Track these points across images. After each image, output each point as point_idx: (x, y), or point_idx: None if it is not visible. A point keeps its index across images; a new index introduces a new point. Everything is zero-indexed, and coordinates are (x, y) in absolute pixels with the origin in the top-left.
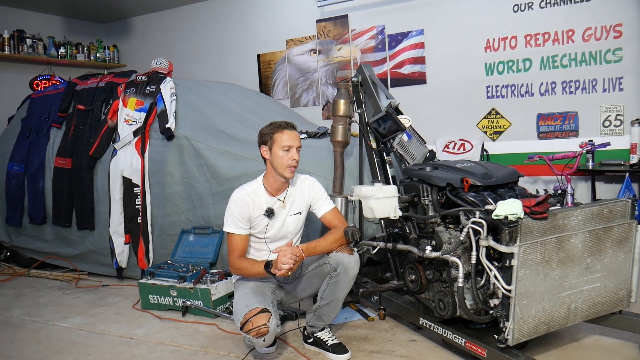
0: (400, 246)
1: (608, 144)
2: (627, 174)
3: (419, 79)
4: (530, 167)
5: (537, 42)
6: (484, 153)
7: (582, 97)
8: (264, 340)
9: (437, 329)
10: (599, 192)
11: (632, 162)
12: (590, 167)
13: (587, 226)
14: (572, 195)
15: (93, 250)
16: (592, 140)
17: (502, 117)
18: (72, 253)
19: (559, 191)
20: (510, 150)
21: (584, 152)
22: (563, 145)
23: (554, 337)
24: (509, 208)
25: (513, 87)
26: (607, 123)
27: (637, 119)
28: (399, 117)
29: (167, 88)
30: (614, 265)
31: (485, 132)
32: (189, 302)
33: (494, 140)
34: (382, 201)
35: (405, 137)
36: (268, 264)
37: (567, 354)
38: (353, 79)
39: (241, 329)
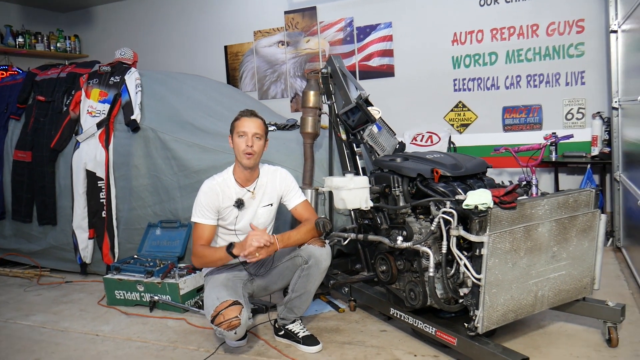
0: (371, 237)
1: (571, 136)
2: (589, 166)
3: (387, 72)
4: (496, 159)
5: (502, 36)
6: (451, 145)
7: (545, 91)
8: (235, 333)
9: (408, 318)
10: (562, 183)
11: (593, 154)
12: (554, 159)
13: (554, 215)
14: (537, 186)
15: (55, 246)
16: (555, 133)
17: (468, 109)
18: (33, 249)
19: (524, 182)
20: (477, 143)
21: (548, 144)
22: (528, 138)
23: (521, 325)
24: (478, 198)
25: (479, 81)
26: (569, 116)
27: (598, 112)
28: (369, 108)
29: (132, 79)
30: (578, 254)
31: (453, 125)
32: (156, 297)
33: (460, 132)
34: (353, 192)
35: (375, 128)
36: (230, 245)
37: (534, 341)
38: (323, 70)
39: (212, 321)
